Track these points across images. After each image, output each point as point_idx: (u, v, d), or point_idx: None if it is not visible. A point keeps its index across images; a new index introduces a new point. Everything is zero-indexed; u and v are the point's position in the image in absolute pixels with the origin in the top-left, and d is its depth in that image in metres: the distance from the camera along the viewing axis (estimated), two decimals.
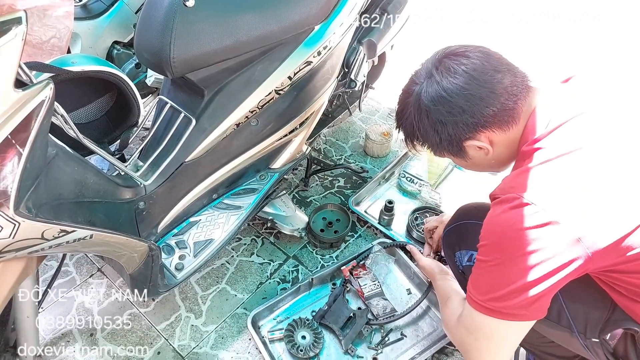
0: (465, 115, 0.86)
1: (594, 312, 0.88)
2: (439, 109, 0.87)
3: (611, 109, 0.84)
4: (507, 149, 0.91)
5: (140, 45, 1.06)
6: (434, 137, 0.91)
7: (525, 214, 0.76)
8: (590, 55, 2.36)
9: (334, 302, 1.41)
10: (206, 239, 1.29)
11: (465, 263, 1.06)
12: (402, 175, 1.81)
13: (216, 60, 1.08)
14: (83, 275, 1.52)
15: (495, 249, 0.81)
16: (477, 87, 0.84)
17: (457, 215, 1.17)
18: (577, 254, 0.74)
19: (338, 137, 2.03)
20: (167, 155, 1.17)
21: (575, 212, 0.74)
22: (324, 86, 1.34)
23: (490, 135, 0.88)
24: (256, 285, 1.51)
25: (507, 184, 0.84)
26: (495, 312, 0.82)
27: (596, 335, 0.89)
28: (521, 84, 0.87)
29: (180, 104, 1.19)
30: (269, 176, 1.41)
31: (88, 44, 1.52)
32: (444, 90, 0.86)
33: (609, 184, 0.76)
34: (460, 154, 0.93)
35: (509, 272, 0.78)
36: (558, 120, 0.83)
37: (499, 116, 0.85)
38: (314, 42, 1.21)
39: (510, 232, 0.77)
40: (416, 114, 0.91)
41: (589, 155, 0.78)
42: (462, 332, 0.91)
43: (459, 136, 0.89)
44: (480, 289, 0.84)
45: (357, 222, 1.70)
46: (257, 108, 1.23)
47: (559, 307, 0.89)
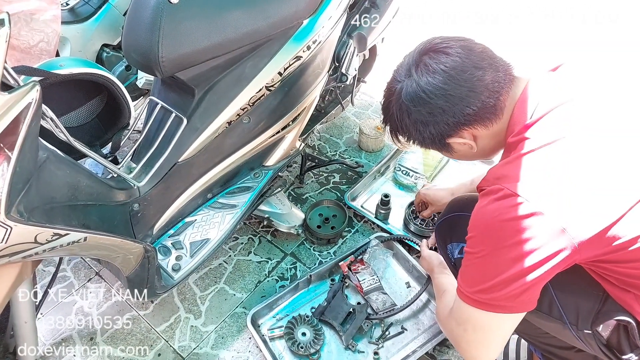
0: (445, 116, 0.85)
1: (586, 304, 0.88)
2: (419, 110, 0.87)
3: (598, 97, 0.83)
4: (492, 140, 0.90)
5: (128, 45, 1.05)
6: (417, 135, 0.92)
7: (509, 205, 0.75)
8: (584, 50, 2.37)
9: (333, 298, 1.40)
10: (202, 239, 1.29)
11: (456, 255, 1.06)
12: (398, 169, 1.81)
13: (205, 58, 1.08)
14: (81, 280, 1.51)
15: (481, 241, 0.81)
16: (456, 86, 0.83)
17: (449, 207, 1.17)
18: (562, 244, 0.74)
19: (332, 133, 2.02)
20: (160, 156, 1.17)
21: (560, 203, 0.74)
22: (315, 81, 1.33)
23: (473, 131, 0.88)
24: (254, 284, 1.51)
25: (492, 175, 0.84)
26: (483, 304, 0.81)
27: (588, 327, 0.88)
28: (504, 78, 0.86)
29: (171, 104, 1.18)
30: (263, 174, 1.41)
31: (77, 48, 1.52)
32: (423, 91, 0.85)
33: (594, 173, 0.76)
34: (445, 149, 0.94)
35: (495, 264, 0.78)
36: (543, 109, 0.82)
37: (481, 114, 0.85)
38: (303, 36, 1.21)
39: (495, 224, 0.77)
40: (398, 113, 0.91)
41: (574, 144, 0.77)
42: (452, 324, 0.91)
43: (441, 134, 0.89)
44: (468, 281, 0.84)
45: (354, 217, 1.70)
46: (248, 105, 1.23)
47: (550, 298, 0.89)
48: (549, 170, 0.76)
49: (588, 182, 0.75)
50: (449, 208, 1.16)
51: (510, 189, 0.76)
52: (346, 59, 1.42)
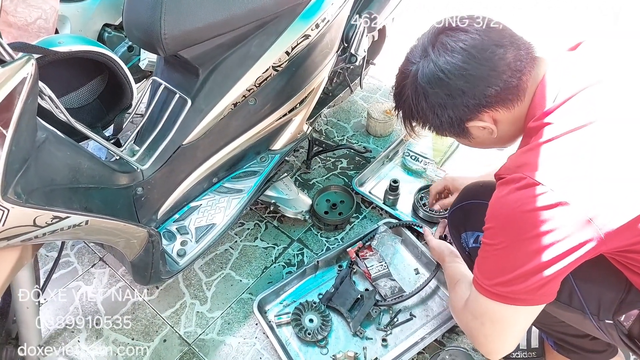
0: (465, 97, 0.80)
1: (608, 293, 0.85)
2: (436, 92, 0.82)
3: (623, 80, 0.78)
4: (513, 125, 0.86)
5: (130, 22, 1.01)
6: (434, 119, 0.86)
7: (532, 194, 0.71)
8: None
9: (341, 284, 1.38)
10: (208, 224, 1.26)
11: (471, 245, 1.03)
12: (407, 154, 1.77)
13: (210, 36, 1.03)
14: (85, 265, 1.49)
15: (501, 232, 0.77)
16: (476, 65, 0.78)
17: (462, 194, 1.12)
18: (588, 235, 0.70)
19: (339, 117, 1.98)
20: (164, 138, 1.13)
21: (586, 192, 0.70)
22: (324, 61, 1.29)
23: (493, 114, 0.83)
24: (261, 269, 1.48)
25: (513, 163, 0.79)
26: (502, 297, 0.78)
27: (610, 317, 0.85)
28: (526, 57, 0.81)
29: (174, 84, 1.14)
30: (269, 158, 1.37)
31: (77, 27, 1.47)
32: (441, 70, 0.79)
33: (621, 161, 0.71)
34: (464, 134, 0.88)
35: (516, 256, 0.74)
36: (567, 92, 0.77)
37: (502, 95, 0.80)
38: (311, 14, 1.16)
39: (517, 214, 0.73)
40: (414, 97, 0.85)
41: (600, 130, 0.73)
42: (468, 317, 0.88)
43: (460, 118, 0.84)
44: (487, 273, 0.80)
45: (362, 203, 1.66)
46: (254, 86, 1.19)
47: (570, 288, 0.86)
48: (574, 158, 0.72)
49: (615, 170, 0.71)
50: (462, 195, 1.12)
51: (533, 178, 0.72)
52: (355, 39, 1.37)
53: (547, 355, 1.22)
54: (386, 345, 1.29)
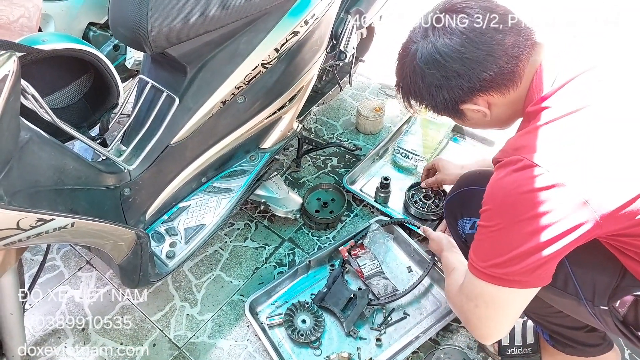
0: (460, 80, 0.81)
1: (603, 279, 0.85)
2: (433, 73, 0.83)
3: (621, 65, 0.79)
4: (508, 109, 0.87)
5: (115, 19, 0.99)
6: (429, 99, 0.88)
7: (529, 176, 0.72)
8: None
9: (334, 283, 1.37)
10: (197, 225, 1.24)
11: (467, 231, 1.03)
12: (397, 151, 1.77)
13: (197, 33, 1.02)
14: (71, 269, 1.46)
15: (497, 214, 0.77)
16: (473, 49, 0.79)
17: (459, 182, 1.13)
18: (584, 217, 0.70)
19: (329, 115, 1.97)
20: (151, 137, 1.11)
21: (582, 174, 0.70)
22: (313, 58, 1.27)
23: (488, 98, 0.84)
24: (252, 270, 1.46)
25: (510, 146, 0.80)
26: (497, 278, 0.78)
27: (605, 303, 0.85)
28: (525, 43, 0.81)
29: (162, 82, 1.12)
30: (259, 157, 1.35)
31: (62, 26, 1.44)
32: (439, 52, 0.81)
33: (617, 144, 0.72)
34: (458, 115, 0.91)
35: (512, 237, 0.75)
36: (565, 76, 0.78)
37: (497, 80, 0.81)
38: (300, 10, 1.14)
39: (514, 195, 0.73)
40: (412, 75, 0.87)
41: (596, 113, 0.73)
42: (462, 300, 0.88)
43: (454, 100, 0.85)
44: (482, 255, 0.81)
45: (353, 201, 1.65)
46: (243, 84, 1.17)
47: (565, 273, 0.86)
48: (571, 140, 0.72)
49: (611, 153, 0.71)
50: (459, 183, 1.12)
51: (530, 160, 0.72)
52: (344, 36, 1.36)
53: (543, 351, 1.22)
54: (380, 345, 1.28)
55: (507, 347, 1.23)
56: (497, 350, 1.24)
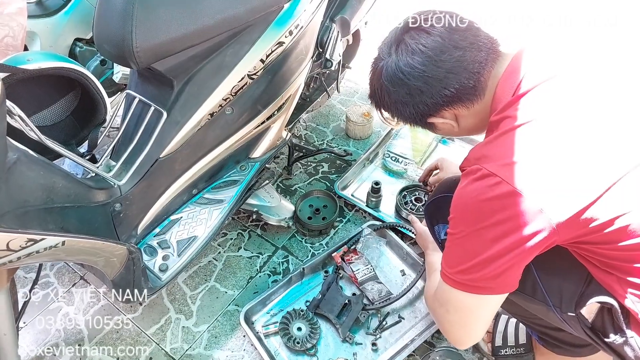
0: (423, 96, 0.85)
1: (569, 286, 0.86)
2: (397, 90, 0.87)
3: (582, 74, 0.80)
4: (475, 118, 0.89)
5: (100, 36, 0.99)
6: (398, 113, 0.92)
7: (487, 185, 0.73)
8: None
9: (328, 290, 1.37)
10: (189, 237, 1.24)
11: (442, 236, 1.05)
12: (387, 155, 1.78)
13: (183, 47, 1.02)
14: (65, 285, 1.45)
15: (460, 222, 0.79)
16: (434, 68, 0.82)
17: (437, 189, 1.15)
18: (540, 225, 0.71)
19: (318, 121, 1.98)
20: (140, 152, 1.12)
21: (538, 183, 0.71)
22: (299, 68, 1.29)
23: (454, 111, 0.87)
24: (246, 280, 1.47)
25: (472, 155, 0.82)
26: (462, 285, 0.80)
27: (572, 310, 0.86)
28: (486, 57, 0.84)
29: (149, 97, 1.12)
30: (249, 166, 1.36)
31: (48, 43, 1.44)
32: (401, 71, 0.84)
33: (572, 153, 0.73)
34: (428, 127, 0.94)
35: (474, 245, 0.77)
36: (526, 86, 0.79)
37: (459, 95, 0.84)
38: (285, 21, 1.15)
39: (474, 204, 0.76)
40: (379, 91, 0.91)
41: (552, 123, 0.75)
42: (435, 304, 0.90)
43: (421, 114, 0.89)
44: (449, 262, 0.83)
45: (345, 206, 1.66)
46: (230, 95, 1.18)
47: (533, 280, 0.88)
48: (527, 149, 0.74)
49: (565, 162, 0.72)
50: (437, 189, 1.14)
51: (489, 169, 0.74)
52: (330, 44, 1.37)
53: (536, 350, 1.23)
54: (376, 350, 1.29)
55: (501, 348, 1.23)
56: (491, 351, 1.25)
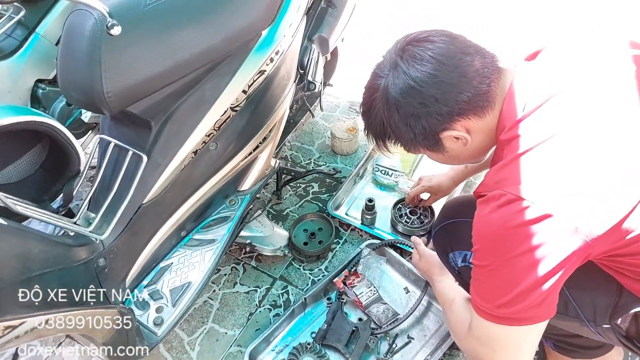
0: (438, 105, 0.79)
1: (602, 299, 0.84)
2: (409, 101, 0.80)
3: (587, 86, 0.77)
4: (486, 136, 0.85)
5: (66, 84, 0.91)
6: (407, 132, 0.84)
7: (515, 210, 0.69)
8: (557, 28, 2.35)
9: (333, 318, 1.32)
10: (183, 283, 1.16)
11: (460, 264, 1.00)
12: (376, 169, 1.74)
13: (158, 87, 0.95)
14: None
15: (490, 252, 0.74)
16: (447, 72, 0.78)
17: (443, 213, 1.10)
18: (576, 244, 0.69)
19: (303, 140, 1.92)
20: (121, 200, 1.03)
21: (568, 202, 0.68)
22: (283, 94, 1.22)
23: (466, 123, 0.82)
24: (246, 317, 1.39)
25: (490, 180, 0.77)
26: (507, 319, 0.75)
27: (607, 322, 0.84)
28: (492, 65, 0.81)
29: (125, 141, 1.04)
30: (239, 200, 1.29)
31: (6, 88, 1.34)
32: (413, 79, 0.79)
33: (598, 166, 0.70)
34: (437, 147, 0.87)
35: (510, 276, 0.72)
36: (534, 102, 0.76)
37: (474, 101, 0.79)
38: (265, 48, 1.09)
39: (503, 232, 0.71)
40: (385, 110, 0.84)
41: (572, 138, 0.72)
42: (475, 344, 0.84)
43: (434, 128, 0.82)
44: (486, 297, 0.77)
45: (340, 226, 1.61)
46: (214, 130, 1.11)
47: (565, 298, 0.85)
48: (551, 168, 0.70)
49: (592, 176, 0.69)
50: (443, 214, 1.09)
51: (514, 193, 0.70)
52: (311, 65, 1.32)
53: (548, 356, 1.21)
54: None
55: None
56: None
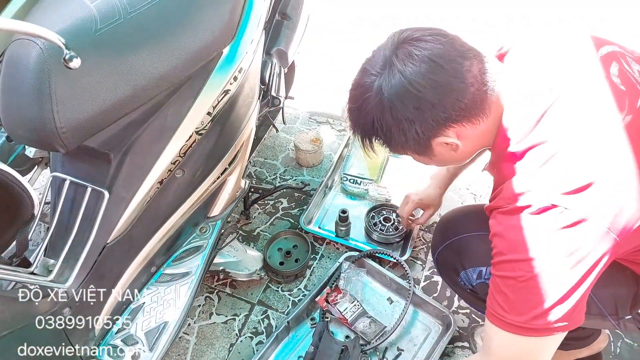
0: (435, 111, 0.75)
1: (621, 292, 0.86)
2: (405, 105, 0.75)
3: (577, 90, 0.78)
4: (477, 142, 0.83)
5: (11, 121, 0.81)
6: (399, 136, 0.80)
7: (550, 217, 0.69)
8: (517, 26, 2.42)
9: (320, 340, 1.27)
10: (158, 324, 1.07)
11: (475, 282, 0.98)
12: (345, 179, 1.72)
13: (117, 117, 0.87)
14: None
15: (523, 262, 0.72)
16: (446, 76, 0.73)
17: (441, 232, 1.08)
18: (608, 245, 0.70)
19: (266, 155, 1.87)
20: (83, 242, 0.94)
21: (598, 205, 0.69)
22: (248, 112, 1.17)
23: (459, 130, 0.79)
24: (227, 349, 1.32)
25: (511, 192, 0.75)
26: (544, 330, 0.73)
27: (628, 313, 0.87)
28: (488, 71, 0.78)
29: (82, 177, 0.95)
30: (210, 227, 1.22)
31: None
32: (410, 82, 0.74)
33: (614, 168, 0.71)
34: (425, 152, 0.83)
35: (547, 284, 0.70)
36: (536, 112, 0.76)
37: (470, 109, 0.76)
38: (227, 67, 1.04)
39: (541, 239, 0.70)
40: (377, 111, 0.78)
41: (584, 143, 0.72)
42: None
43: (427, 134, 0.78)
44: (520, 309, 0.74)
45: (315, 241, 1.57)
46: (179, 157, 1.04)
47: (588, 298, 0.85)
48: (575, 174, 0.70)
49: (613, 178, 0.70)
50: (441, 233, 1.06)
51: (547, 201, 0.69)
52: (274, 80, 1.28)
53: None
54: None
55: None
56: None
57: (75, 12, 0.81)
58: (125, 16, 0.85)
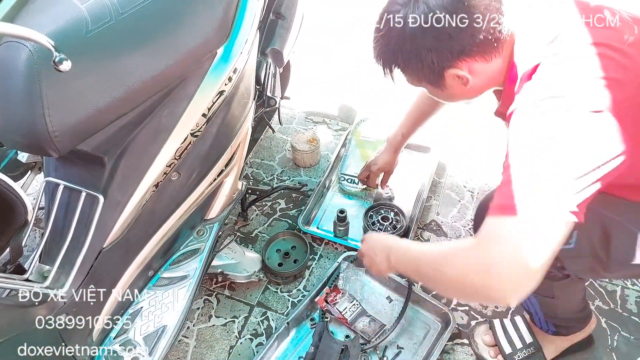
0: (451, 42, 0.81)
1: None
2: (425, 34, 0.81)
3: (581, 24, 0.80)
4: (486, 79, 0.87)
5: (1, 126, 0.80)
6: (416, 63, 0.85)
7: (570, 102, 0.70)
8: None
9: (320, 340, 1.26)
10: (157, 328, 1.06)
11: None
12: (342, 179, 1.71)
13: (110, 120, 0.86)
14: None
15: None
16: (467, 10, 0.79)
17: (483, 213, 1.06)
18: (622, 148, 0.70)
19: (262, 156, 1.86)
20: (79, 247, 0.93)
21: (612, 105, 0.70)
22: (244, 113, 1.16)
23: (471, 64, 0.84)
24: (227, 351, 1.31)
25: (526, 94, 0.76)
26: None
27: None
28: (503, 9, 0.82)
29: (76, 181, 0.94)
30: (207, 230, 1.21)
31: None
32: (432, 12, 0.79)
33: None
34: (439, 82, 0.89)
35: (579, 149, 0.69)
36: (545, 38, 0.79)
37: (485, 44, 0.81)
38: (221, 68, 1.03)
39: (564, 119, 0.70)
40: (400, 39, 0.84)
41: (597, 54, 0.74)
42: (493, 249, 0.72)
43: (441, 64, 0.84)
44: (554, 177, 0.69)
45: (314, 242, 1.56)
46: (174, 159, 1.03)
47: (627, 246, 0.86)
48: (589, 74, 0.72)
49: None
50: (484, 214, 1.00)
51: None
52: (269, 80, 1.27)
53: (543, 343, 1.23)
54: None
55: (512, 354, 1.21)
56: None
57: (65, 13, 0.80)
58: (117, 17, 0.84)
